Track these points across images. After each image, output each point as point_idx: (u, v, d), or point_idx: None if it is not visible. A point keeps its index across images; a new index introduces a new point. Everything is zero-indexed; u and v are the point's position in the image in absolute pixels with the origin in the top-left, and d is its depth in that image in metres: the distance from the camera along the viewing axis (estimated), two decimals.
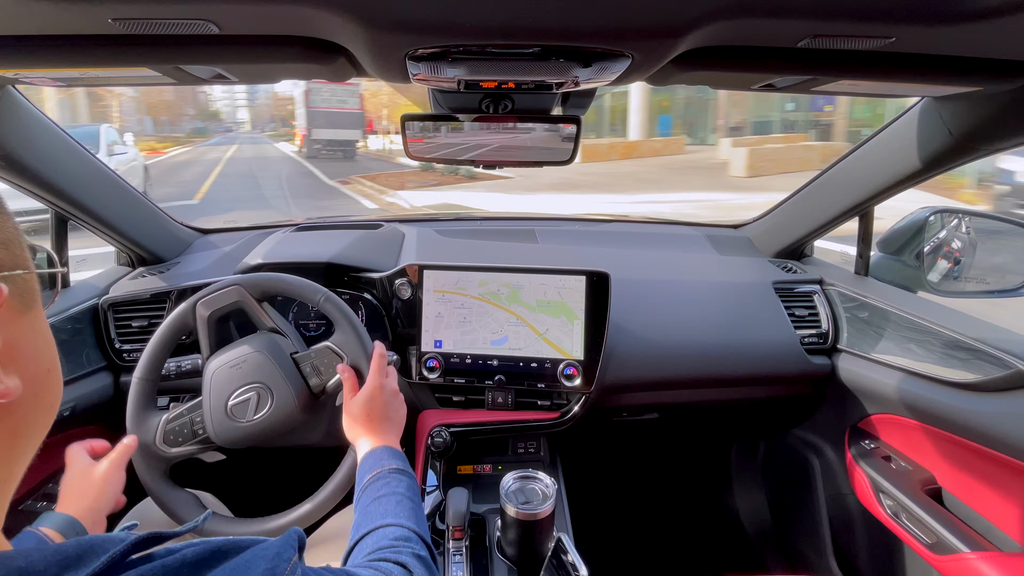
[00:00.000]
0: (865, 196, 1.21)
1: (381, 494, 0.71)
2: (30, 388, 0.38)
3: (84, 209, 1.15)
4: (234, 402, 0.91)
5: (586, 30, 0.58)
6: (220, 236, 1.57)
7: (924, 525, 1.02)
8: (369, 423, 0.84)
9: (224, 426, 0.91)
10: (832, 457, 1.40)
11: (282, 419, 0.91)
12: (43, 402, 0.41)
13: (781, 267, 1.47)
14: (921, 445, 1.14)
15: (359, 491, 0.74)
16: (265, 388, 0.91)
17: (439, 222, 1.68)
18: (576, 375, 1.18)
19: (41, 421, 0.41)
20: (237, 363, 0.93)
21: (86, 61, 0.66)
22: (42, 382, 0.40)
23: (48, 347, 0.41)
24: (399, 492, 0.72)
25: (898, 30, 0.58)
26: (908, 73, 0.72)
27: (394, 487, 0.72)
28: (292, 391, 0.92)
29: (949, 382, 1.03)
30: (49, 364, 0.41)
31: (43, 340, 0.41)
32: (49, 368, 0.41)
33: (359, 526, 0.67)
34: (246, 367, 0.93)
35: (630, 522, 1.84)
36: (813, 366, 1.30)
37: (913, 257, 1.29)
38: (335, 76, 0.75)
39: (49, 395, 0.41)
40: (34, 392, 0.39)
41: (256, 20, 0.59)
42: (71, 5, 0.53)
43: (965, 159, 0.99)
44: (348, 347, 0.93)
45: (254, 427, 0.91)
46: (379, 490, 0.72)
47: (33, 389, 0.39)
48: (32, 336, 0.40)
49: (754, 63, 0.70)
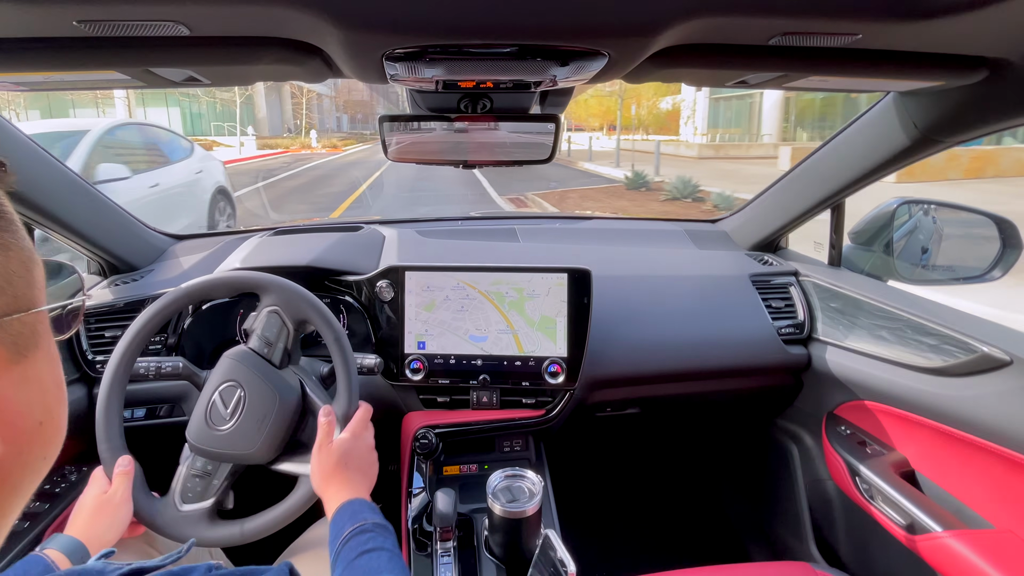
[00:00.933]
0: (837, 189, 1.24)
1: (369, 548, 0.68)
2: (12, 449, 0.33)
3: (53, 218, 1.11)
4: (215, 398, 0.89)
5: (562, 29, 0.59)
6: (195, 242, 1.53)
7: (899, 507, 1.06)
8: (344, 473, 0.82)
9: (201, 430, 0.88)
10: (810, 444, 1.44)
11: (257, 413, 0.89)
12: (30, 460, 0.35)
13: (757, 259, 1.50)
14: (894, 429, 1.17)
15: (339, 542, 0.71)
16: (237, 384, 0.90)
17: (419, 223, 1.67)
18: (560, 372, 1.18)
19: (28, 479, 0.36)
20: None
21: (50, 65, 0.64)
22: (30, 439, 0.35)
23: (44, 396, 0.36)
24: (388, 548, 0.70)
25: (864, 27, 0.60)
26: (874, 69, 0.74)
27: (381, 542, 0.70)
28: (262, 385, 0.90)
29: (919, 367, 1.06)
30: (42, 415, 0.36)
31: (37, 390, 0.35)
32: (42, 420, 0.36)
33: None
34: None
35: (617, 516, 1.86)
36: (790, 356, 1.33)
37: (883, 247, 1.33)
38: (311, 77, 0.74)
39: (41, 449, 0.36)
40: (18, 452, 0.34)
41: (227, 21, 0.58)
42: (32, 7, 0.51)
43: (930, 151, 1.02)
44: (340, 392, 0.92)
45: (230, 433, 0.88)
46: (365, 543, 0.69)
47: (17, 449, 0.34)
48: (22, 389, 0.34)
49: (727, 60, 0.71)
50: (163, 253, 1.46)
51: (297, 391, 0.92)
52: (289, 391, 0.91)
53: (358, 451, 0.85)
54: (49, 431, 0.36)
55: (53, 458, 0.38)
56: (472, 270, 1.19)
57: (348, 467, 0.83)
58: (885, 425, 1.19)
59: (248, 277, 0.97)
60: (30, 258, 0.35)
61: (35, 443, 0.35)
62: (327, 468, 0.82)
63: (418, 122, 0.92)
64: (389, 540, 0.71)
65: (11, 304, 0.33)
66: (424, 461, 1.18)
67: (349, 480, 0.81)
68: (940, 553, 0.96)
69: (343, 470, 0.82)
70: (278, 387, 0.90)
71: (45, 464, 0.37)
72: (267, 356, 0.93)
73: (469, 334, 1.20)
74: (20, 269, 0.34)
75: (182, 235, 1.56)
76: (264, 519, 0.87)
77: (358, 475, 0.83)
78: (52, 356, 0.37)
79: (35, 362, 0.35)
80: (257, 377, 0.89)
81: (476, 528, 1.05)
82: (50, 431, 0.37)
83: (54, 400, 0.37)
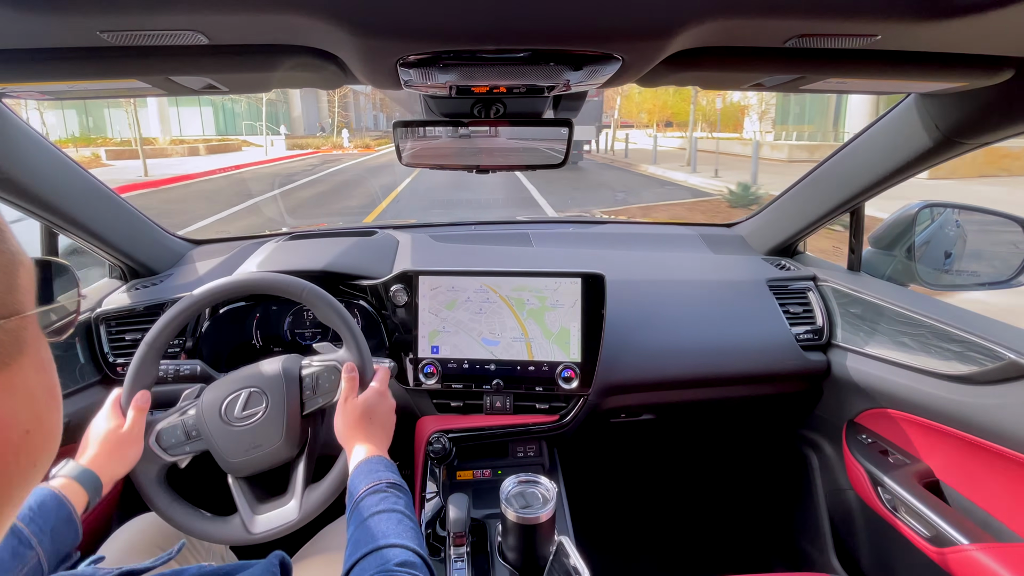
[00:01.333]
0: (856, 192, 1.22)
1: (380, 509, 0.70)
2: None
3: (75, 223, 1.14)
4: (229, 399, 0.90)
5: (576, 34, 0.59)
6: (212, 247, 1.56)
7: (923, 518, 1.03)
8: (368, 428, 0.84)
9: (216, 426, 0.89)
10: (830, 453, 1.41)
11: (268, 428, 0.89)
12: (17, 469, 0.33)
13: (775, 264, 1.48)
14: (918, 438, 1.14)
15: (353, 501, 0.72)
16: (261, 392, 0.90)
17: (433, 227, 1.68)
18: (574, 377, 1.18)
19: (17, 488, 0.34)
20: (252, 369, 0.93)
21: (75, 74, 0.66)
22: (16, 448, 0.33)
23: (31, 404, 0.34)
24: (398, 510, 0.71)
25: (883, 28, 0.59)
26: (894, 70, 0.73)
27: (392, 503, 0.71)
28: (286, 402, 0.90)
29: (943, 375, 1.04)
30: (29, 424, 0.34)
31: (23, 398, 0.33)
32: (29, 429, 0.34)
33: (359, 543, 0.65)
34: (253, 370, 0.93)
35: (631, 524, 1.84)
36: (809, 363, 1.31)
37: (904, 251, 1.30)
38: (326, 84, 0.75)
39: (28, 458, 0.34)
40: (3, 463, 0.32)
41: (244, 30, 0.59)
42: (59, 19, 0.53)
43: (953, 153, 1.00)
44: (352, 355, 0.93)
45: (243, 430, 0.89)
46: (377, 504, 0.70)
47: (1, 459, 0.32)
48: (6, 398, 0.32)
49: (743, 63, 0.71)
50: (182, 258, 1.48)
51: None
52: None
53: (383, 407, 0.88)
54: (37, 439, 0.34)
55: (46, 465, 0.36)
56: (485, 274, 1.19)
57: (372, 422, 0.85)
58: (908, 434, 1.16)
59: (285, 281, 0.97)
60: (12, 261, 0.33)
61: (21, 452, 0.33)
62: (352, 420, 0.85)
63: (432, 127, 0.93)
64: (401, 501, 0.73)
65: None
66: (437, 466, 1.18)
67: (372, 435, 0.84)
68: (967, 566, 0.93)
69: (367, 424, 0.84)
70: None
71: (36, 472, 0.35)
72: (303, 399, 0.92)
73: (482, 337, 1.20)
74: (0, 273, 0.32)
75: (200, 240, 1.58)
76: (314, 497, 0.89)
77: (380, 431, 0.86)
78: (41, 362, 0.35)
79: (20, 369, 0.33)
80: (281, 405, 0.90)
81: (489, 534, 1.05)
82: (38, 439, 0.35)
83: (44, 407, 0.35)
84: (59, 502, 0.71)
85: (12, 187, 0.97)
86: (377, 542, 0.64)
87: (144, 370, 0.90)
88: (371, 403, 0.86)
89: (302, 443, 0.91)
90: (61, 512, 0.70)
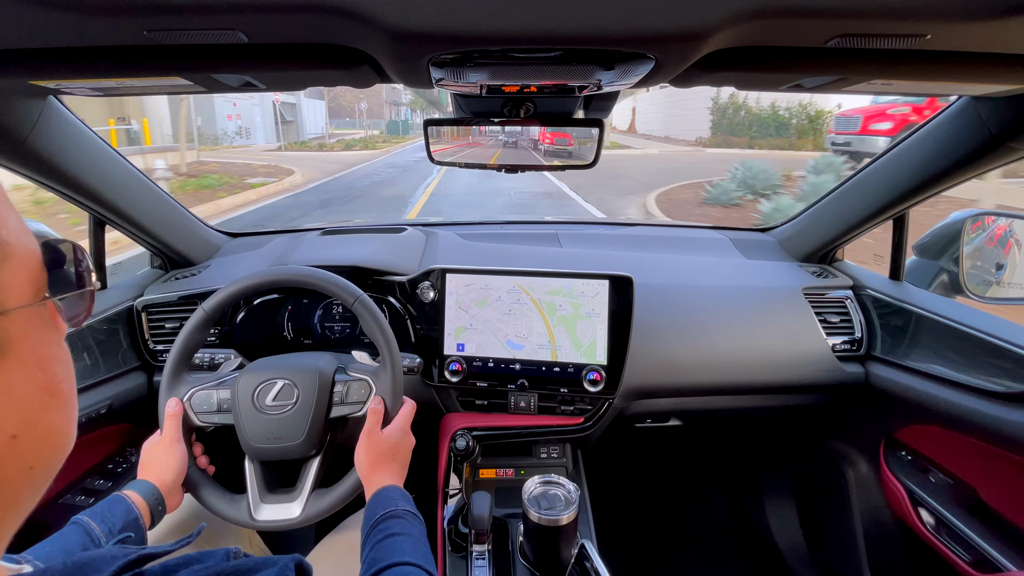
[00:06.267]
0: (900, 198, 1.17)
1: (396, 532, 0.72)
2: None
3: (121, 214, 1.19)
4: (263, 385, 0.92)
5: (609, 34, 0.58)
6: (248, 239, 1.60)
7: (966, 541, 0.98)
8: (389, 464, 0.87)
9: (247, 408, 0.91)
10: (866, 469, 1.36)
11: (292, 423, 0.90)
12: (9, 473, 0.31)
13: (811, 272, 1.43)
14: (962, 457, 1.09)
15: (370, 524, 0.75)
16: (293, 386, 0.92)
17: (462, 226, 1.69)
18: (600, 380, 1.17)
19: (18, 491, 0.32)
20: (288, 358, 0.96)
21: (122, 71, 0.69)
22: (1, 454, 0.30)
23: (18, 406, 0.31)
24: (413, 535, 0.73)
25: (933, 27, 0.56)
26: (945, 72, 0.69)
27: (408, 528, 0.74)
28: (315, 402, 0.91)
29: (992, 392, 0.98)
30: (16, 428, 0.31)
31: (8, 402, 0.30)
32: (16, 433, 0.31)
33: (374, 561, 0.67)
34: (293, 361, 0.95)
35: (655, 531, 1.81)
36: (845, 374, 1.26)
37: (951, 261, 1.24)
38: (359, 82, 0.76)
39: (20, 461, 0.31)
40: None
41: (282, 29, 0.60)
42: (108, 19, 0.55)
43: (1007, 160, 0.95)
44: (383, 384, 0.94)
45: (269, 418, 0.90)
46: (393, 528, 0.73)
47: None
48: None
49: (781, 63, 0.68)
50: (219, 250, 1.53)
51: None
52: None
53: (404, 445, 0.90)
54: (28, 442, 0.31)
55: (47, 466, 0.33)
56: (513, 274, 1.19)
57: (394, 459, 0.88)
58: (952, 452, 1.11)
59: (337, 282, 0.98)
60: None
61: (9, 458, 0.30)
62: (374, 454, 0.87)
63: (462, 126, 0.93)
64: (416, 527, 0.75)
65: None
66: (461, 463, 1.19)
67: (391, 471, 0.87)
68: None
69: (389, 460, 0.87)
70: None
71: (33, 475, 0.32)
72: (331, 403, 0.94)
73: (507, 339, 1.20)
74: None
75: (236, 232, 1.63)
76: (318, 503, 0.91)
77: (399, 468, 0.88)
78: (37, 359, 0.32)
79: (3, 371, 0.30)
80: (310, 401, 0.92)
81: (511, 533, 1.05)
82: (30, 442, 0.31)
83: (37, 408, 0.32)
84: (127, 506, 0.77)
85: (66, 179, 1.02)
86: (392, 559, 0.66)
87: (195, 334, 0.95)
88: (394, 440, 0.89)
89: (320, 445, 0.92)
90: (129, 515, 0.77)
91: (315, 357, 0.96)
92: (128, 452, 1.24)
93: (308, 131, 31.98)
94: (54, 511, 1.03)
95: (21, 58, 0.66)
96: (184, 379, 0.94)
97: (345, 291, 0.95)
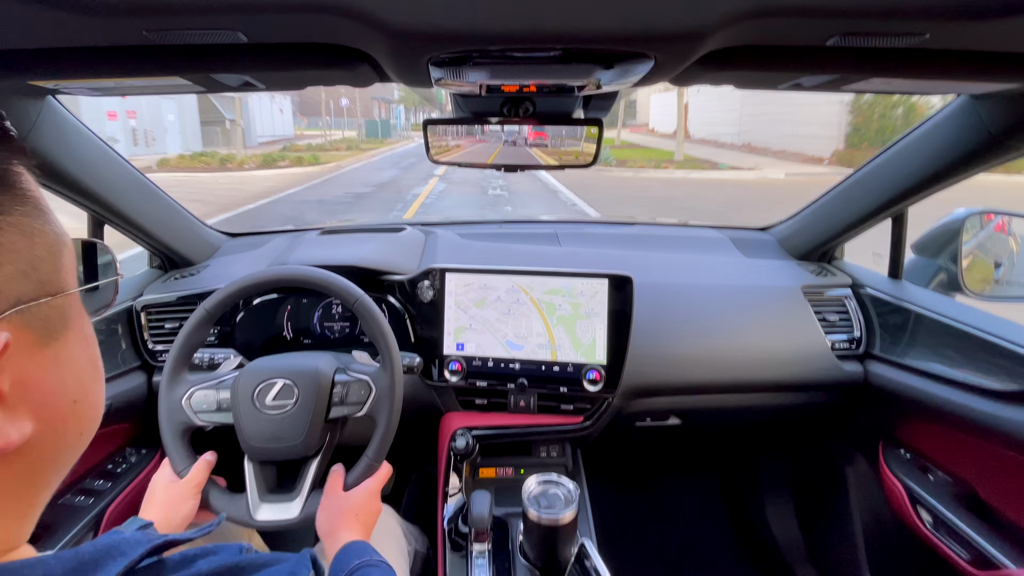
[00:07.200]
0: (899, 196, 1.17)
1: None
2: (47, 427, 0.34)
3: (120, 214, 1.18)
4: (262, 385, 0.91)
5: (608, 33, 0.58)
6: (247, 239, 1.60)
7: (964, 539, 0.98)
8: (354, 522, 0.83)
9: (247, 407, 0.90)
10: (865, 468, 1.36)
11: (292, 423, 0.90)
12: (65, 437, 0.37)
13: (810, 270, 1.43)
14: (961, 456, 1.09)
15: (344, 573, 0.70)
16: (293, 386, 0.91)
17: (461, 225, 1.69)
18: (599, 379, 1.17)
19: (64, 455, 0.37)
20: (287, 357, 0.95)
21: (121, 71, 0.69)
22: (64, 417, 0.36)
23: (79, 374, 0.37)
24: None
25: (932, 26, 0.56)
26: (944, 71, 0.69)
27: (386, 573, 0.70)
28: (314, 403, 0.90)
29: (990, 391, 0.99)
30: (76, 394, 0.37)
31: (71, 370, 0.36)
32: (76, 399, 0.37)
33: None
34: (292, 361, 0.94)
35: (654, 530, 1.81)
36: (844, 373, 1.27)
37: (950, 260, 1.24)
38: (359, 82, 0.76)
39: (76, 426, 0.37)
40: (52, 430, 0.35)
41: (281, 29, 0.60)
42: (108, 19, 0.55)
43: (1004, 157, 0.95)
44: (383, 385, 0.92)
45: (269, 419, 0.90)
46: (372, 573, 0.70)
47: (51, 427, 0.35)
48: (54, 369, 0.35)
49: (781, 62, 0.69)
50: (218, 250, 1.53)
51: None
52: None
53: (370, 508, 0.86)
54: (84, 408, 0.38)
55: (90, 434, 0.39)
56: (512, 273, 1.19)
57: (358, 519, 0.84)
58: (951, 451, 1.11)
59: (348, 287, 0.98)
60: (57, 242, 0.35)
61: (69, 421, 0.36)
62: (336, 513, 0.83)
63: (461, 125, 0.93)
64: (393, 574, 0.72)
65: (37, 289, 0.33)
66: (460, 462, 1.19)
67: (355, 530, 0.82)
68: None
69: (352, 519, 0.83)
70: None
71: (82, 440, 0.38)
72: (331, 404, 0.93)
73: (507, 339, 1.20)
74: (46, 254, 0.34)
75: (235, 232, 1.63)
76: (317, 503, 0.89)
77: (363, 528, 0.84)
78: (85, 336, 0.38)
79: (67, 343, 0.36)
80: (309, 403, 0.91)
81: (511, 532, 1.05)
82: (84, 408, 0.38)
83: (89, 378, 0.38)
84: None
85: (65, 180, 1.02)
86: None
87: (196, 333, 0.94)
88: (358, 500, 0.85)
89: (319, 445, 0.92)
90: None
91: (315, 357, 0.96)
92: (127, 452, 1.23)
93: (259, 133, 26.01)
94: (54, 511, 1.03)
95: (20, 58, 0.66)
96: (184, 379, 0.94)
97: (346, 291, 0.95)
